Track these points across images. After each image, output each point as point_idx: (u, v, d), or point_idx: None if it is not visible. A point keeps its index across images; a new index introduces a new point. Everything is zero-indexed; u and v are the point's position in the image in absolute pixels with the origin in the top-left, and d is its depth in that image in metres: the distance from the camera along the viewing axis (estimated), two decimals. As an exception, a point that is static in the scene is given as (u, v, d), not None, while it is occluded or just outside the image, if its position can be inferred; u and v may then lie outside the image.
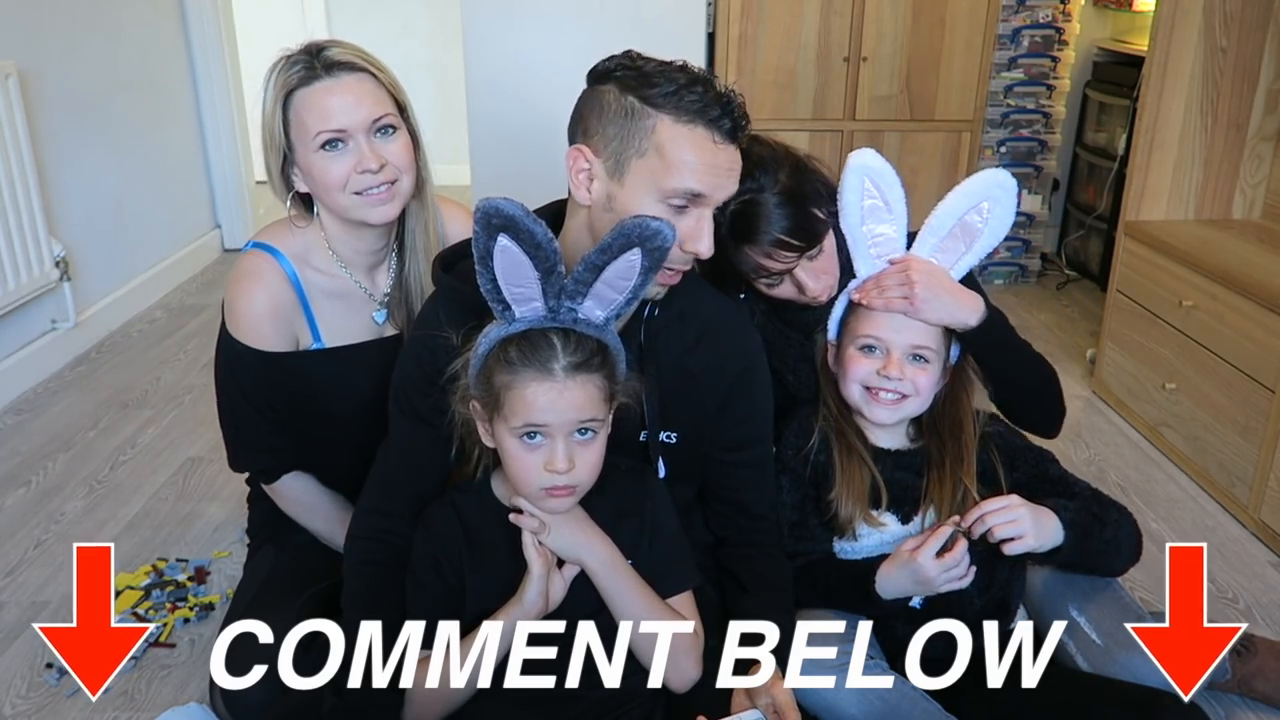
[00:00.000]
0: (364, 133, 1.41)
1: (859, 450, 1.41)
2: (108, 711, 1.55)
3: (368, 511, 1.35)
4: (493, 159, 3.14)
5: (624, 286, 1.15)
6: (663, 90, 1.17)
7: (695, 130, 1.17)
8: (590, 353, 1.15)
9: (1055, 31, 3.39)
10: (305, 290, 1.51)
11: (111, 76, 3.14)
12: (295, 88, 1.41)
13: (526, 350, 1.13)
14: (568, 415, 1.14)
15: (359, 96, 1.41)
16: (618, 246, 1.11)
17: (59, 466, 2.29)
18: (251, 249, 1.52)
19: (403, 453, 1.33)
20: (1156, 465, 2.35)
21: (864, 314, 1.41)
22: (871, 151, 1.40)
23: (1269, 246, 2.32)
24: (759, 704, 1.20)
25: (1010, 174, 1.38)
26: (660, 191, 1.19)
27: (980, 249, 1.40)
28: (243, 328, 1.49)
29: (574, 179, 1.24)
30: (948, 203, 1.38)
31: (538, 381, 1.13)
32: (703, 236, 1.21)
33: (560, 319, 1.15)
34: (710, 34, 3.25)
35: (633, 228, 1.11)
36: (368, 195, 1.43)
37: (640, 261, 1.13)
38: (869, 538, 1.41)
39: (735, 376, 1.36)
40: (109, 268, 3.12)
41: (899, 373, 1.37)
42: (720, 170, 1.20)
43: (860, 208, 1.40)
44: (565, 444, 1.15)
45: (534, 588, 1.19)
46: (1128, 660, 1.32)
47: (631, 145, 1.19)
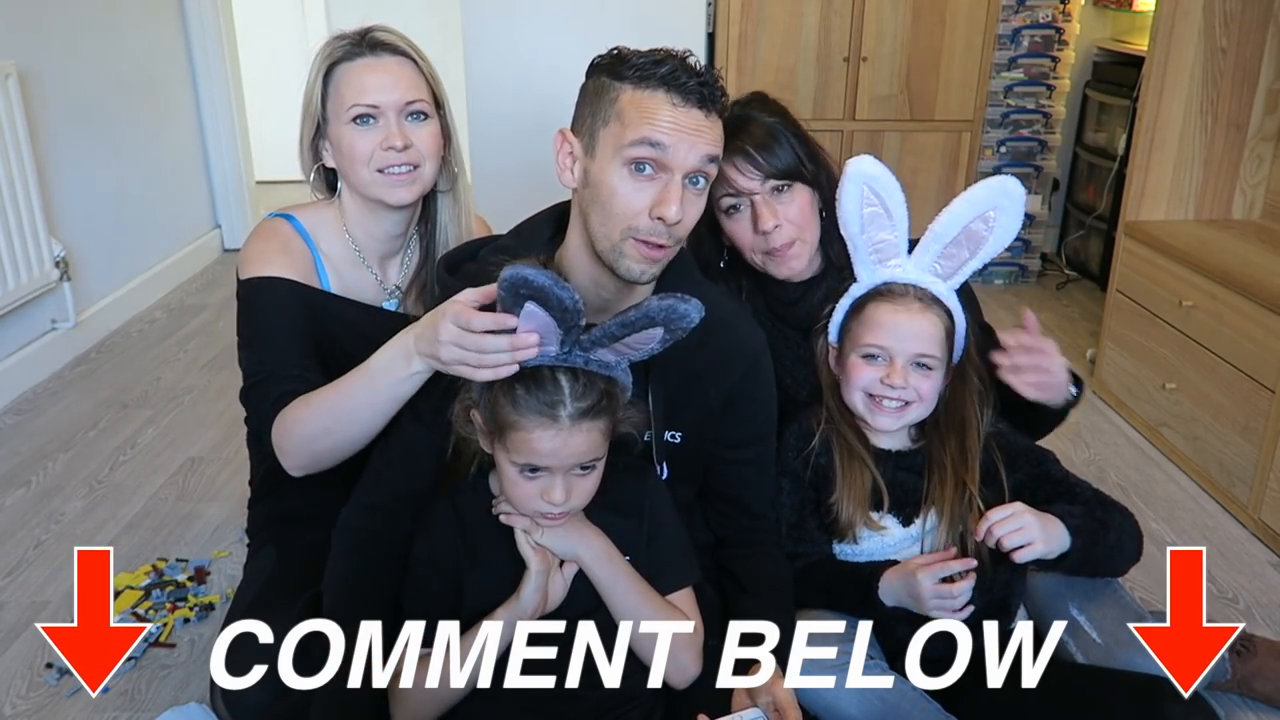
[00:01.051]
0: (395, 112, 1.46)
1: (860, 453, 1.41)
2: (108, 711, 1.55)
3: (360, 507, 1.34)
4: (493, 159, 3.14)
5: (643, 351, 1.14)
6: (631, 65, 1.19)
7: (655, 93, 1.17)
8: (598, 396, 1.13)
9: (1055, 31, 3.39)
10: (322, 263, 1.53)
11: (111, 76, 3.14)
12: (339, 61, 1.46)
13: (533, 390, 1.11)
14: (569, 460, 1.14)
15: (397, 77, 1.46)
16: (643, 321, 1.08)
17: (59, 466, 2.30)
18: (270, 218, 1.54)
19: (399, 452, 1.32)
20: (1156, 465, 2.35)
21: (867, 320, 1.40)
22: (870, 158, 1.39)
23: (1269, 246, 2.32)
24: (759, 703, 1.20)
25: (1018, 181, 1.37)
26: (622, 155, 1.17)
27: (985, 255, 1.39)
28: (259, 261, 1.48)
29: (559, 163, 1.25)
30: (953, 210, 1.37)
31: (542, 427, 1.11)
32: (670, 201, 1.17)
33: (571, 361, 1.13)
34: (710, 34, 3.25)
35: (658, 311, 1.07)
36: (389, 174, 1.47)
37: (662, 337, 1.11)
38: (869, 540, 1.41)
39: (740, 375, 1.36)
40: (109, 268, 3.12)
41: (902, 381, 1.37)
42: (681, 128, 1.17)
43: (860, 215, 1.40)
44: (564, 479, 1.15)
45: (531, 585, 1.19)
46: (1128, 659, 1.32)
47: (599, 118, 1.20)
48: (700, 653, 1.27)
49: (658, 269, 1.24)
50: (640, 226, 1.19)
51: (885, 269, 1.40)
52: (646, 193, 1.19)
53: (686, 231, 1.24)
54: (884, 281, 1.40)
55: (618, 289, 1.26)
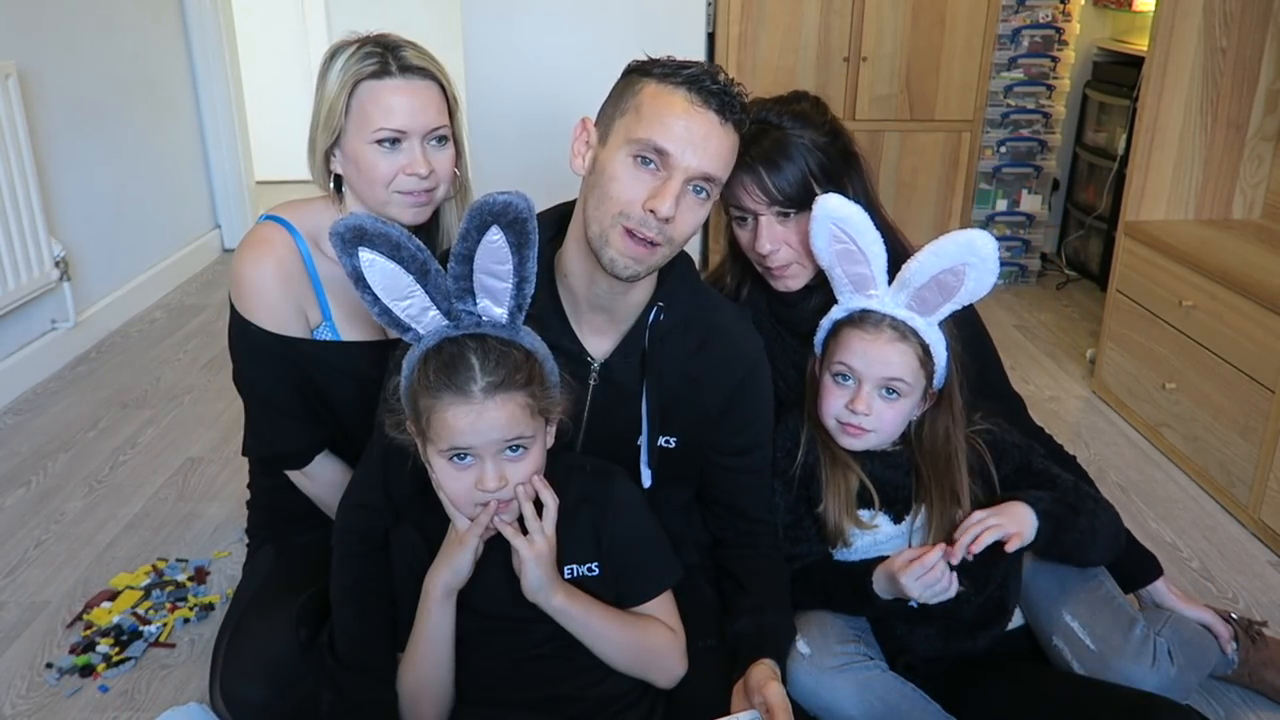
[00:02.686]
0: (420, 138, 1.45)
1: (843, 458, 1.40)
2: (108, 711, 1.55)
3: (353, 507, 1.35)
4: (493, 159, 3.14)
5: (504, 272, 1.12)
6: (661, 64, 1.21)
7: (675, 92, 1.19)
8: (512, 368, 1.12)
9: (1055, 31, 3.39)
10: (317, 270, 1.51)
11: (111, 76, 3.14)
12: (365, 78, 1.43)
13: (443, 372, 1.11)
14: (490, 436, 1.12)
15: (425, 103, 1.44)
16: (474, 229, 1.09)
17: (59, 466, 2.30)
18: (264, 221, 1.52)
19: (388, 453, 1.32)
20: (1156, 465, 2.35)
21: (843, 339, 1.38)
22: (837, 198, 1.34)
23: (1269, 246, 2.32)
24: (754, 703, 1.20)
25: (990, 235, 1.29)
26: (629, 144, 1.19)
27: (960, 302, 1.35)
28: (249, 297, 1.47)
29: (574, 149, 1.26)
30: (921, 259, 1.32)
31: (456, 404, 1.10)
32: (666, 195, 1.18)
33: (463, 325, 1.13)
34: (710, 34, 3.25)
35: (480, 206, 1.08)
36: (407, 196, 1.46)
37: (505, 238, 1.10)
38: (861, 540, 1.41)
39: (737, 383, 1.36)
40: (109, 268, 3.12)
41: (865, 408, 1.35)
42: (692, 133, 1.18)
43: (831, 251, 1.37)
44: (494, 463, 1.13)
45: (466, 556, 1.17)
46: (1121, 665, 1.32)
47: (619, 108, 1.22)
48: (684, 653, 1.27)
49: (641, 269, 1.23)
50: (632, 215, 1.19)
51: (863, 297, 1.38)
52: (645, 184, 1.19)
53: (680, 236, 1.24)
54: (863, 309, 1.38)
55: (610, 286, 1.26)
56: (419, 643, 1.20)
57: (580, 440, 1.35)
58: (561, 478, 1.21)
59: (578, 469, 1.27)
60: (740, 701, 1.23)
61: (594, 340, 1.33)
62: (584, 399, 1.31)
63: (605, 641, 1.22)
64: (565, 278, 1.31)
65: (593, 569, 1.24)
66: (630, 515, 1.27)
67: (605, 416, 1.34)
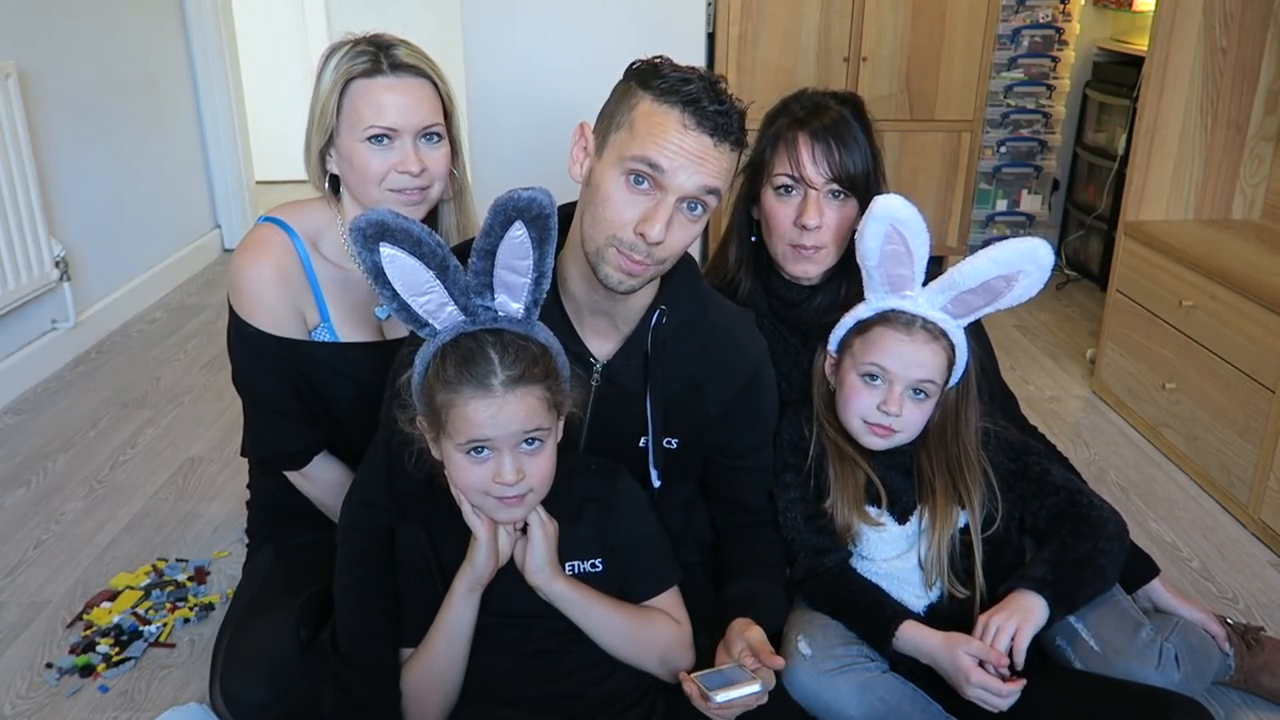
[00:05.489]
0: (412, 136, 1.45)
1: (851, 454, 1.41)
2: (108, 711, 1.55)
3: (359, 504, 1.35)
4: (493, 159, 3.14)
5: (524, 267, 1.13)
6: (661, 76, 1.19)
7: (671, 109, 1.17)
8: (530, 362, 1.13)
9: (1055, 31, 3.39)
10: (315, 272, 1.51)
11: (111, 76, 3.14)
12: (356, 77, 1.43)
13: (463, 366, 1.12)
14: (510, 428, 1.13)
15: (417, 100, 1.45)
16: (498, 225, 1.09)
17: (59, 466, 2.29)
18: (263, 222, 1.52)
19: (391, 451, 1.33)
20: (1156, 465, 2.35)
21: (872, 342, 1.38)
22: (900, 199, 1.33)
23: (1269, 246, 2.32)
24: (734, 652, 1.20)
25: (1049, 247, 1.31)
26: (622, 161, 1.18)
27: (998, 306, 1.36)
28: (247, 299, 1.48)
29: (572, 155, 1.25)
30: (977, 263, 1.32)
31: (477, 398, 1.11)
32: (656, 220, 1.17)
33: (480, 320, 1.14)
34: (710, 34, 3.25)
35: (506, 201, 1.09)
36: (400, 194, 1.46)
37: (528, 234, 1.10)
38: (868, 537, 1.41)
39: (741, 385, 1.36)
40: (109, 268, 3.12)
41: (898, 409, 1.36)
42: (685, 152, 1.16)
43: (880, 251, 1.35)
44: (512, 456, 1.14)
45: (483, 552, 1.19)
46: (1126, 667, 1.32)
47: (615, 121, 1.21)
48: (691, 644, 1.27)
49: (636, 283, 1.23)
50: (623, 239, 1.19)
51: (897, 298, 1.38)
52: (637, 206, 1.18)
53: (671, 254, 1.23)
54: (893, 308, 1.38)
55: (608, 293, 1.26)
56: (435, 637, 1.20)
57: (583, 440, 1.35)
58: (566, 476, 1.22)
59: (582, 468, 1.27)
60: (722, 657, 1.22)
61: (596, 342, 1.33)
62: (586, 400, 1.31)
63: (608, 630, 1.22)
64: (566, 282, 1.31)
65: (596, 565, 1.25)
66: (634, 514, 1.28)
67: (608, 417, 1.34)
